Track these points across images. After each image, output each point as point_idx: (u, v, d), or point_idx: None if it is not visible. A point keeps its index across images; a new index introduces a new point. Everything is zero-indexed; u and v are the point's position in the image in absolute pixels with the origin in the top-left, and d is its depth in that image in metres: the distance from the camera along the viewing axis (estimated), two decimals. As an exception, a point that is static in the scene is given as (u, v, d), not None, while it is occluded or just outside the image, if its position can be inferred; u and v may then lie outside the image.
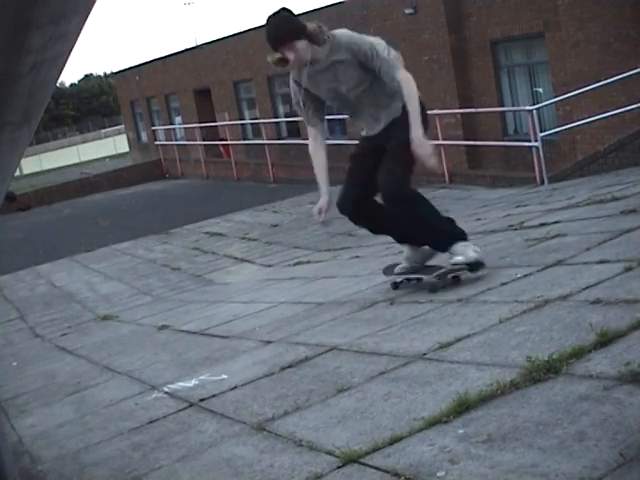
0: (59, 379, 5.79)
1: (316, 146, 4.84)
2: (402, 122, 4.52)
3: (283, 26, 4.51)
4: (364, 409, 3.11)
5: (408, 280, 5.07)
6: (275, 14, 4.57)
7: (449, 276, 4.76)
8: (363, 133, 4.88)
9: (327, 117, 5.11)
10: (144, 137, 33.01)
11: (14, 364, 7.09)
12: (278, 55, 4.52)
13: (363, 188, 4.74)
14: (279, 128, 23.32)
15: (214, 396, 3.98)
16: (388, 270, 5.25)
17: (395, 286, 5.10)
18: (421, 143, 4.35)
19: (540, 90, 15.26)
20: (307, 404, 3.39)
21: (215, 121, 25.93)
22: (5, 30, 1.69)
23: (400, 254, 6.98)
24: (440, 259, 4.96)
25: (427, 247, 4.95)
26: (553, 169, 11.47)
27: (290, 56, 4.49)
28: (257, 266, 9.51)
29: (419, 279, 4.97)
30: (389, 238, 5.28)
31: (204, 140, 24.99)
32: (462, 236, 4.75)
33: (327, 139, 5.05)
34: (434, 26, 16.43)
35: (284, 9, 4.61)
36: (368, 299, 5.10)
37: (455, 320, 3.97)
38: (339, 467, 2.67)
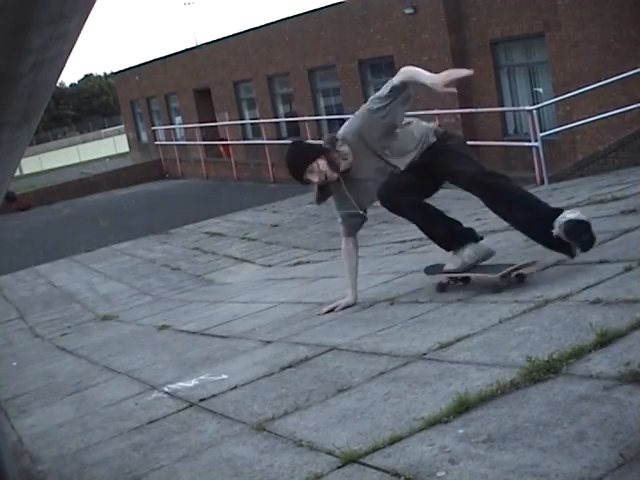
0: (59, 379, 5.79)
1: (349, 250, 5.03)
2: (440, 144, 4.57)
3: (296, 157, 4.75)
4: (364, 409, 3.11)
5: (455, 280, 4.64)
6: (288, 150, 4.83)
7: (513, 275, 4.30)
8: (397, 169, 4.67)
9: (326, 117, 5.13)
10: (144, 137, 33.02)
11: (14, 364, 7.09)
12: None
13: (406, 184, 4.56)
14: (279, 128, 23.32)
15: (214, 396, 3.98)
16: (433, 269, 4.80)
17: (441, 288, 4.63)
18: (439, 78, 4.35)
19: (540, 90, 15.27)
20: (307, 404, 3.39)
21: (215, 121, 25.94)
22: (5, 30, 1.69)
23: (400, 254, 6.98)
24: (496, 259, 4.60)
25: (484, 245, 4.59)
26: (553, 169, 11.47)
27: (314, 178, 4.67)
28: (257, 266, 9.51)
29: (467, 279, 4.59)
30: (389, 238, 5.27)
31: (204, 140, 24.99)
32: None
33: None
34: (434, 26, 16.44)
35: (293, 143, 4.96)
36: (368, 299, 5.10)
37: (455, 320, 3.97)
38: (339, 467, 2.67)
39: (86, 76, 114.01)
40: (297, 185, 5.05)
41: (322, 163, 4.61)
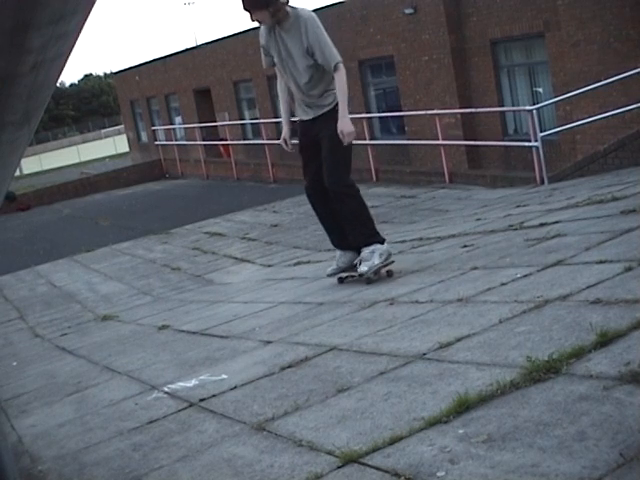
0: (59, 379, 5.79)
1: (283, 86, 6.03)
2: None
3: None
4: (364, 409, 3.11)
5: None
6: None
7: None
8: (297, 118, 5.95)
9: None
10: (144, 137, 33.02)
11: (14, 364, 7.08)
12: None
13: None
14: (279, 128, 23.29)
15: (214, 396, 3.97)
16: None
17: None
18: (346, 126, 5.48)
19: (540, 90, 15.26)
20: (307, 404, 3.38)
21: (215, 121, 25.94)
22: (5, 30, 1.69)
23: (400, 254, 6.97)
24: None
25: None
26: (553, 169, 11.47)
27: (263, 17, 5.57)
28: (257, 266, 9.51)
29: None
30: (389, 238, 5.27)
31: (204, 140, 24.99)
32: None
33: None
34: (434, 26, 16.43)
35: None
36: (368, 299, 5.10)
37: (455, 320, 3.96)
38: (339, 467, 2.66)
39: (86, 76, 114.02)
40: (297, 185, 5.08)
41: (267, 13, 5.53)
